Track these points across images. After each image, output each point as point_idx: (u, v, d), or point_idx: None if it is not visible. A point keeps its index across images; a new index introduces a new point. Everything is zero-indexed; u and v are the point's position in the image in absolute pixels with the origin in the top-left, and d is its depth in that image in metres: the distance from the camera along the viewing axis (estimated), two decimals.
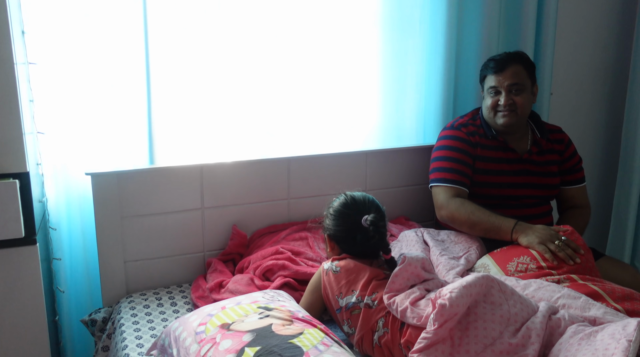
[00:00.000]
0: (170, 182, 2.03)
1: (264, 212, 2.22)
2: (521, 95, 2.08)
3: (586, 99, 2.92)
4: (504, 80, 2.07)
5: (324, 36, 2.28)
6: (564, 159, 2.24)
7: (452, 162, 2.12)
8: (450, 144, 2.15)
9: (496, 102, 2.10)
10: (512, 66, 2.08)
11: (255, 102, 2.23)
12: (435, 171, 2.16)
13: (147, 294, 1.99)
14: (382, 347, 1.49)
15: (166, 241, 2.06)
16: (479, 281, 1.40)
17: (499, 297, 1.41)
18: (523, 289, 1.63)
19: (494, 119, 2.13)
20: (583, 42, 2.83)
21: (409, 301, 1.45)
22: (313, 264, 1.97)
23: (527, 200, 2.16)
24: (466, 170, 2.12)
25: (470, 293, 1.37)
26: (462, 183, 2.11)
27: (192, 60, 2.09)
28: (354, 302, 1.55)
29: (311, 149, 2.32)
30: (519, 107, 2.08)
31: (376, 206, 1.67)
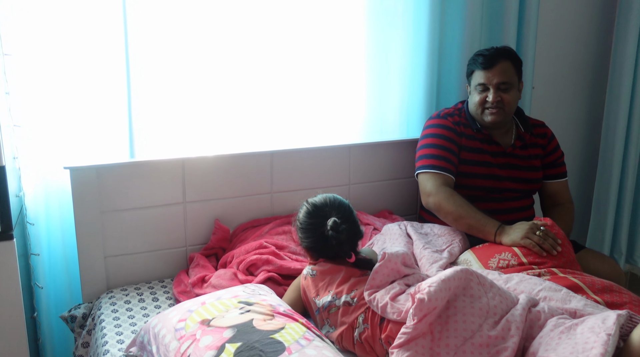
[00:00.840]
0: (151, 176, 2.01)
1: (247, 206, 2.21)
2: (509, 93, 2.08)
3: (567, 93, 2.94)
4: (493, 78, 2.06)
5: (307, 28, 2.26)
6: (546, 153, 2.25)
7: (439, 149, 2.11)
8: (437, 132, 2.14)
9: (484, 99, 2.09)
10: (501, 62, 2.07)
11: (237, 95, 2.20)
12: (423, 158, 2.14)
13: (128, 290, 1.97)
14: (362, 344, 1.49)
15: (147, 236, 2.04)
16: (457, 274, 1.40)
17: (478, 290, 1.41)
18: (505, 282, 1.64)
19: (481, 116, 2.13)
20: (564, 36, 2.85)
21: (389, 297, 1.45)
22: (297, 257, 1.96)
23: (509, 193, 2.17)
24: (453, 158, 2.12)
25: (449, 287, 1.37)
26: (449, 170, 2.10)
27: (173, 52, 2.05)
28: (329, 300, 1.56)
29: (294, 142, 2.30)
30: (506, 105, 2.08)
31: (337, 206, 1.66)
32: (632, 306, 1.55)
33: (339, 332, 1.53)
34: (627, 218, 2.92)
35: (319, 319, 1.59)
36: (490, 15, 2.52)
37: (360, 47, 2.37)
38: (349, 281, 1.57)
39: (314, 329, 1.39)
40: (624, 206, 2.90)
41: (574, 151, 3.01)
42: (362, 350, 1.50)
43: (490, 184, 2.15)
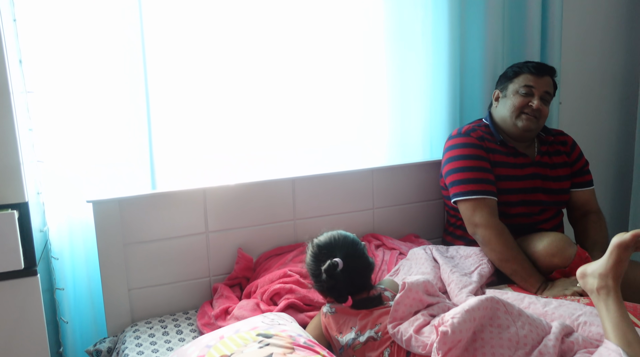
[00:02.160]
0: (173, 206, 2.00)
1: (270, 234, 2.18)
2: (547, 106, 2.06)
3: (596, 107, 2.86)
4: (543, 85, 2.04)
5: (328, 53, 2.26)
6: (572, 160, 2.18)
7: (474, 171, 2.02)
8: (465, 153, 2.05)
9: (526, 103, 2.03)
10: (548, 77, 2.08)
11: (258, 122, 2.20)
12: (459, 184, 2.02)
13: (152, 322, 1.95)
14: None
15: (171, 267, 2.02)
16: (482, 303, 1.34)
17: (505, 320, 1.35)
18: (543, 305, 1.57)
19: (514, 121, 2.05)
20: (590, 49, 2.78)
21: (413, 329, 1.39)
22: None
23: (538, 206, 2.09)
24: (490, 177, 2.02)
25: (473, 317, 1.31)
26: (490, 192, 1.99)
27: (192, 84, 2.07)
28: (353, 337, 1.52)
29: (316, 168, 2.28)
30: (542, 117, 2.05)
31: (341, 244, 1.62)
32: None
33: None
34: None
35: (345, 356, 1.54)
36: (512, 31, 2.47)
37: (381, 69, 2.35)
38: (371, 315, 1.52)
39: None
40: None
41: (607, 165, 2.91)
42: None
43: (519, 198, 2.07)
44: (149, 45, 1.97)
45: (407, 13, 2.33)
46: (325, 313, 1.61)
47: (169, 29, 2.00)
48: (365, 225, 2.33)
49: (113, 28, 1.93)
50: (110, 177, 2.02)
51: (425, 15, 2.34)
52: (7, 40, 1.59)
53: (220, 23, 2.08)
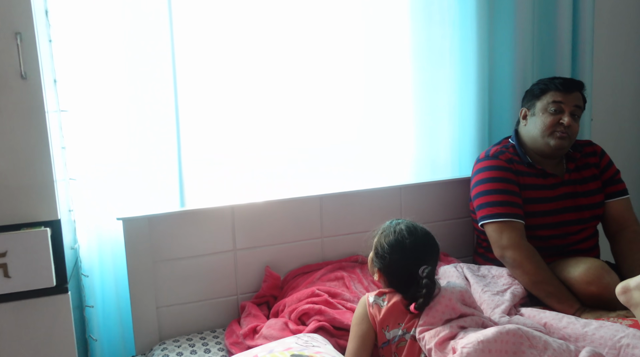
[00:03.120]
0: (202, 224, 2.01)
1: (297, 252, 2.17)
2: (578, 122, 2.02)
3: (628, 122, 2.80)
4: (573, 101, 2.00)
5: (355, 70, 2.26)
6: (601, 170, 2.12)
7: (502, 194, 1.99)
8: (494, 175, 2.02)
9: (557, 121, 1.99)
10: (577, 92, 2.03)
11: (286, 139, 2.20)
12: (487, 207, 2.00)
13: (180, 341, 1.94)
14: None
15: (199, 285, 2.02)
16: (501, 336, 1.29)
17: (530, 354, 1.29)
18: (582, 326, 1.53)
19: (545, 140, 2.00)
20: (621, 65, 2.73)
21: (435, 341, 1.35)
22: (352, 305, 1.88)
23: (573, 226, 2.04)
24: (517, 200, 1.98)
25: (488, 349, 1.26)
26: (518, 216, 1.96)
27: (222, 103, 2.09)
28: (400, 334, 1.48)
29: (344, 185, 2.26)
30: (573, 134, 2.00)
31: (430, 250, 1.58)
32: None
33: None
34: None
35: (386, 352, 1.49)
36: (542, 48, 2.44)
37: (408, 87, 2.34)
38: (419, 315, 1.47)
39: None
40: None
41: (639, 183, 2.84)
42: None
43: (554, 219, 2.02)
44: (179, 63, 1.98)
45: (434, 31, 2.32)
46: (372, 303, 1.55)
47: (200, 44, 2.02)
48: None
49: (144, 48, 1.95)
50: (140, 194, 2.03)
51: (453, 32, 2.33)
52: (43, 61, 1.61)
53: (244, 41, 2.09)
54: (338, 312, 1.82)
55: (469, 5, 2.28)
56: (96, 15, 1.89)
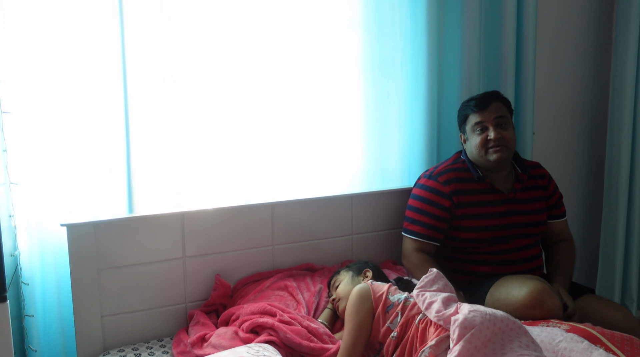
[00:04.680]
0: (150, 231, 1.97)
1: (248, 259, 2.15)
2: (507, 129, 2.10)
3: (568, 136, 2.94)
4: (490, 115, 2.08)
5: (307, 80, 2.27)
6: (549, 194, 2.23)
7: (423, 215, 2.13)
8: (423, 195, 2.15)
9: (485, 139, 2.08)
10: (494, 103, 2.11)
11: (236, 146, 2.19)
12: (408, 222, 2.18)
13: (126, 350, 1.89)
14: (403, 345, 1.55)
15: (146, 293, 1.98)
16: (504, 318, 1.42)
17: (517, 343, 1.41)
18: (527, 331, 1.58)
19: (485, 157, 2.10)
20: (561, 81, 2.86)
21: (441, 299, 1.49)
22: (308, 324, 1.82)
23: (516, 241, 2.13)
24: (438, 224, 2.11)
25: (493, 322, 1.40)
26: (431, 237, 2.12)
27: (174, 107, 2.05)
28: (405, 296, 1.64)
29: (295, 193, 2.27)
30: (508, 141, 2.08)
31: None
32: None
33: (401, 327, 1.57)
34: (636, 263, 2.86)
35: (389, 316, 1.61)
36: (488, 62, 2.54)
37: (359, 97, 2.37)
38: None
39: None
40: (633, 250, 2.84)
41: (577, 195, 2.98)
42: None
43: (495, 234, 2.11)
44: (130, 65, 1.94)
45: (386, 43, 2.38)
46: (371, 282, 1.72)
47: (151, 45, 1.98)
48: (344, 251, 2.33)
49: (91, 49, 1.90)
50: (86, 200, 1.97)
51: (404, 45, 2.39)
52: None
53: (203, 46, 2.07)
54: (292, 329, 1.76)
55: (419, 19, 2.34)
56: (41, 15, 1.83)
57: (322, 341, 1.75)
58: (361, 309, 1.64)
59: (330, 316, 1.93)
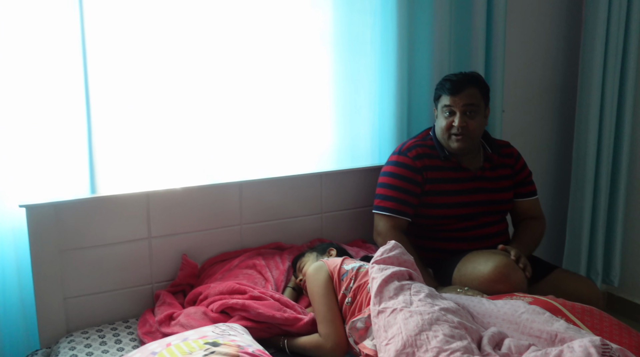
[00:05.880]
0: (114, 211, 1.92)
1: (216, 239, 2.13)
2: (475, 119, 2.07)
3: (537, 115, 2.96)
4: (460, 101, 2.05)
5: (275, 57, 2.23)
6: (515, 171, 2.24)
7: (395, 190, 2.11)
8: (394, 171, 2.13)
9: (450, 124, 2.07)
10: (468, 88, 2.06)
11: (204, 124, 2.14)
12: (379, 198, 2.15)
13: (89, 332, 1.85)
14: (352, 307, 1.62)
15: (110, 274, 1.94)
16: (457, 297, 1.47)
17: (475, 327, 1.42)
18: (490, 304, 1.62)
19: (447, 142, 2.11)
20: (532, 60, 2.87)
21: (389, 272, 1.55)
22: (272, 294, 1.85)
23: (483, 218, 2.14)
24: (409, 199, 2.10)
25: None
26: (403, 213, 2.10)
27: (136, 81, 1.99)
28: (358, 265, 1.71)
29: (263, 172, 2.24)
30: (472, 131, 2.07)
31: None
32: (612, 329, 1.52)
33: (354, 292, 1.63)
34: (601, 238, 2.91)
35: (345, 282, 1.67)
36: (458, 41, 2.52)
37: (329, 74, 2.34)
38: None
39: None
40: (599, 226, 2.89)
41: (546, 173, 3.01)
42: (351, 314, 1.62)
43: (462, 211, 2.12)
44: (90, 42, 1.88)
45: (355, 19, 2.34)
46: (326, 259, 1.82)
47: (111, 24, 1.92)
48: (313, 230, 2.32)
49: (50, 26, 1.84)
50: (46, 180, 1.91)
51: (374, 21, 2.36)
52: None
53: (162, 20, 2.01)
54: (263, 303, 1.75)
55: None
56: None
57: (295, 312, 1.76)
58: (319, 277, 1.72)
59: (293, 295, 1.93)
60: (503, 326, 1.51)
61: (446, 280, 2.02)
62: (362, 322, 1.54)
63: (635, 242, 2.98)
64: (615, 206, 2.93)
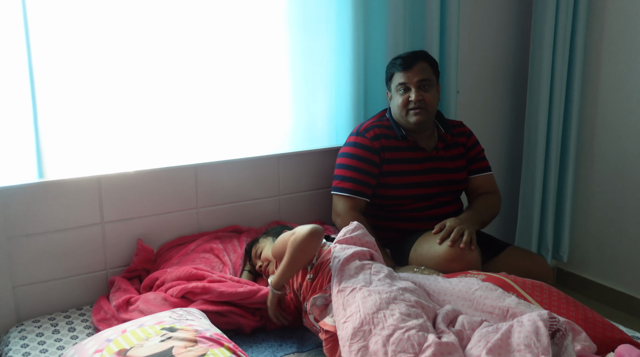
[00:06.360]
0: (64, 196, 1.87)
1: (172, 223, 2.10)
2: (430, 92, 2.11)
3: (490, 96, 3.01)
4: (413, 76, 2.08)
5: (230, 37, 2.18)
6: (467, 149, 2.28)
7: (353, 171, 2.12)
8: (352, 152, 2.14)
9: (407, 100, 2.10)
10: (419, 63, 2.11)
11: (157, 104, 2.08)
12: (338, 179, 2.15)
13: (41, 321, 1.80)
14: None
15: (62, 261, 1.89)
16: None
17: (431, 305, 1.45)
18: (446, 282, 1.66)
19: (405, 118, 2.13)
20: (485, 42, 2.91)
21: (351, 252, 1.58)
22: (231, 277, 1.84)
23: (438, 198, 2.18)
24: (368, 180, 2.12)
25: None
26: (362, 193, 2.11)
27: (85, 61, 1.91)
28: (323, 242, 1.71)
29: (219, 154, 2.21)
30: (429, 104, 2.10)
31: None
32: (560, 303, 1.58)
33: (318, 267, 1.65)
34: (551, 216, 3.01)
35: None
36: (413, 21, 2.53)
37: (285, 55, 2.31)
38: None
39: (241, 352, 1.31)
40: (549, 204, 2.99)
41: (499, 153, 3.08)
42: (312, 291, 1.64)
43: (419, 191, 2.15)
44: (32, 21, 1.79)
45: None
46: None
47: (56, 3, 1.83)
48: (271, 212, 2.31)
49: None
50: None
51: (329, 1, 2.34)
52: None
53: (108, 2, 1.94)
54: (223, 284, 1.75)
55: None
56: None
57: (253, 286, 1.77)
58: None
59: (251, 278, 1.93)
60: (458, 303, 1.54)
61: (403, 260, 2.05)
62: (322, 300, 1.55)
63: (583, 219, 3.10)
64: (564, 185, 3.03)
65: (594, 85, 2.95)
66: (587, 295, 3.05)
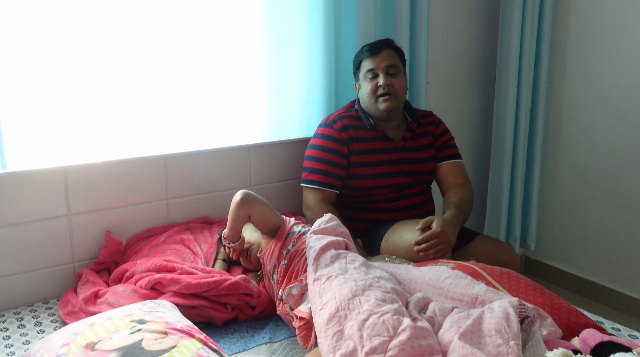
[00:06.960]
0: (27, 188, 1.82)
1: (141, 215, 2.06)
2: (397, 78, 2.13)
3: (460, 87, 3.04)
4: (381, 62, 2.11)
5: (200, 25, 2.15)
6: (436, 137, 2.29)
7: (322, 163, 2.12)
8: (321, 144, 2.14)
9: (375, 86, 2.11)
10: (386, 49, 2.14)
11: (126, 93, 2.03)
12: (307, 171, 2.15)
13: (6, 315, 1.76)
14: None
15: (27, 254, 1.84)
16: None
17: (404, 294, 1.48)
18: (417, 271, 1.66)
19: (375, 106, 2.13)
20: (455, 32, 2.94)
21: (327, 241, 1.59)
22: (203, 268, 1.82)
23: (407, 189, 2.19)
24: (337, 171, 2.12)
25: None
26: (331, 185, 2.12)
27: (48, 47, 1.85)
28: (303, 230, 1.77)
29: (190, 145, 2.18)
30: (397, 90, 2.12)
31: None
32: (527, 290, 1.61)
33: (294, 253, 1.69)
34: (519, 205, 3.07)
35: (286, 243, 1.73)
36: (384, 12, 2.53)
37: (257, 44, 2.29)
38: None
39: (212, 344, 1.30)
40: (517, 194, 3.04)
41: (469, 143, 3.12)
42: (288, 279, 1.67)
43: (387, 182, 2.16)
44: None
45: None
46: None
47: None
48: None
49: None
50: None
51: None
52: None
53: None
54: (193, 276, 1.73)
55: None
56: None
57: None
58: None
59: (224, 267, 1.92)
60: (428, 291, 1.56)
61: (374, 249, 2.07)
62: (298, 289, 1.56)
63: (550, 209, 3.17)
64: (532, 175, 3.09)
65: (560, 76, 3.01)
66: (554, 282, 3.13)
